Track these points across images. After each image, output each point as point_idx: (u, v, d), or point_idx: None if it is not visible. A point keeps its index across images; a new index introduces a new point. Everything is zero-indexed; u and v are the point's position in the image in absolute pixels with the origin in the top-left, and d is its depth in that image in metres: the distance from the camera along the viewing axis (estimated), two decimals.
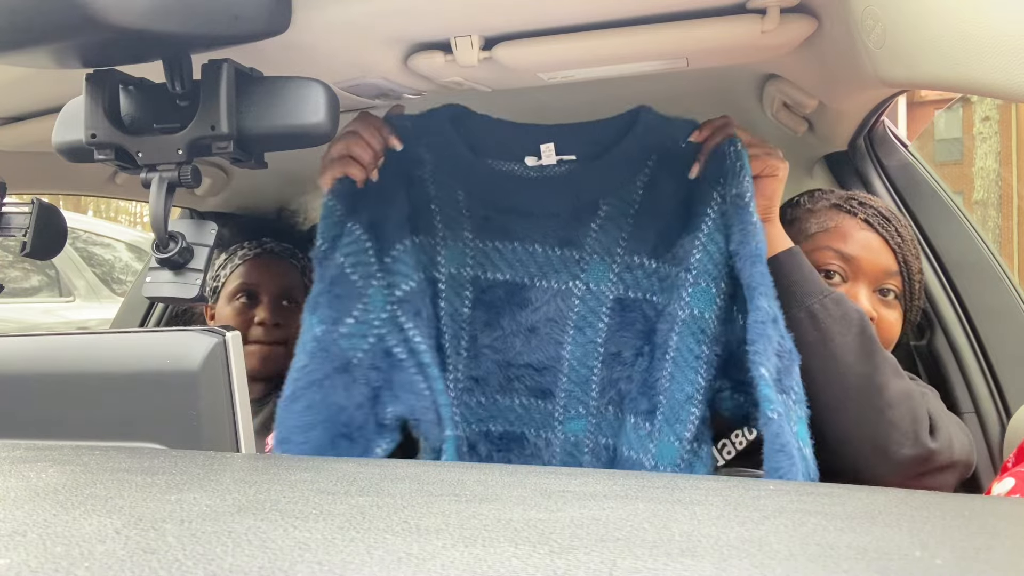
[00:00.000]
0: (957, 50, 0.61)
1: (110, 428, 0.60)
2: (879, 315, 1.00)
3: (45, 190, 1.42)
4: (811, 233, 1.04)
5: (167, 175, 0.73)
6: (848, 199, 1.07)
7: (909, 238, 1.04)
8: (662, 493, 0.35)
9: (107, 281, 4.65)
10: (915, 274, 1.03)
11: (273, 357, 1.41)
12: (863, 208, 1.04)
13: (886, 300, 1.02)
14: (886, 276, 1.01)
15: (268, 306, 1.41)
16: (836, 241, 1.02)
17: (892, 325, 1.02)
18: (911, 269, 1.02)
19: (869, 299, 1.00)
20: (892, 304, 1.02)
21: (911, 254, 1.03)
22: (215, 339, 0.59)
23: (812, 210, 1.08)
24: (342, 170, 0.92)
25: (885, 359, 0.87)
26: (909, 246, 1.03)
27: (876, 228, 1.01)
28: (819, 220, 1.05)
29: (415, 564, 0.23)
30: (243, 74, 0.73)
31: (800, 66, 1.03)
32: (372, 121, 0.94)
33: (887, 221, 1.03)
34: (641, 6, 0.84)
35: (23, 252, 0.86)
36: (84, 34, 0.61)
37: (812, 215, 1.06)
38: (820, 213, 1.06)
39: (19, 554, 0.24)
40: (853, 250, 1.01)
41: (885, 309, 1.01)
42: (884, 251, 1.01)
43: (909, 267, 1.02)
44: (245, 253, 1.45)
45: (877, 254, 1.01)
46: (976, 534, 0.28)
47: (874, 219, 1.02)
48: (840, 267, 1.01)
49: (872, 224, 1.02)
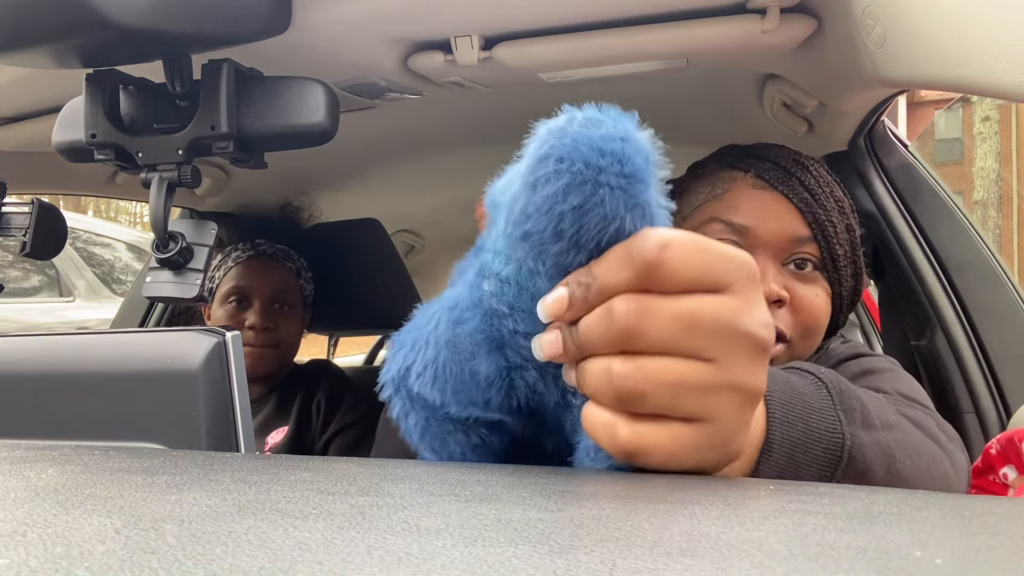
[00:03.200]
0: (957, 50, 0.61)
1: (110, 428, 0.60)
2: (794, 294, 0.79)
3: (45, 190, 1.42)
4: (697, 205, 0.84)
5: (167, 175, 0.73)
6: (742, 155, 0.85)
7: (824, 190, 0.81)
8: (662, 493, 0.35)
9: (107, 281, 4.65)
10: (836, 236, 0.81)
11: (265, 360, 1.41)
12: (758, 163, 0.83)
13: (802, 274, 0.81)
14: (794, 244, 0.80)
15: (259, 310, 1.41)
16: (725, 210, 0.81)
17: (813, 304, 0.80)
18: (828, 231, 0.80)
19: (777, 277, 0.79)
20: (811, 277, 0.81)
21: (828, 210, 0.80)
22: (215, 339, 0.59)
23: (701, 175, 0.88)
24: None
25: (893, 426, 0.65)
26: (824, 200, 0.81)
27: (773, 185, 0.80)
28: (708, 186, 0.84)
29: (415, 564, 0.23)
30: (243, 74, 0.73)
31: (800, 66, 1.03)
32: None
33: (788, 174, 0.81)
34: (641, 6, 0.84)
35: (23, 252, 0.86)
36: (84, 34, 0.61)
37: (700, 181, 0.86)
38: (709, 177, 0.86)
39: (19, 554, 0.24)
40: (745, 219, 0.79)
41: (802, 286, 0.80)
42: (787, 213, 0.80)
43: (824, 229, 0.80)
44: (238, 255, 1.45)
45: (777, 219, 0.79)
46: (976, 534, 0.28)
47: (770, 174, 0.81)
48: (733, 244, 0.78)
49: (768, 180, 0.81)
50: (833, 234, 0.80)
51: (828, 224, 0.80)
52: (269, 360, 1.42)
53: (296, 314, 1.47)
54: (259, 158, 0.76)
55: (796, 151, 0.85)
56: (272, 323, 1.42)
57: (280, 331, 1.43)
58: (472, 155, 1.77)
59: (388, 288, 1.60)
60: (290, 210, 1.62)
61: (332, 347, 1.91)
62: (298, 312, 1.48)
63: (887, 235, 1.25)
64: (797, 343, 0.79)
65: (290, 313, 1.45)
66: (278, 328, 1.42)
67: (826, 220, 0.80)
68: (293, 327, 1.47)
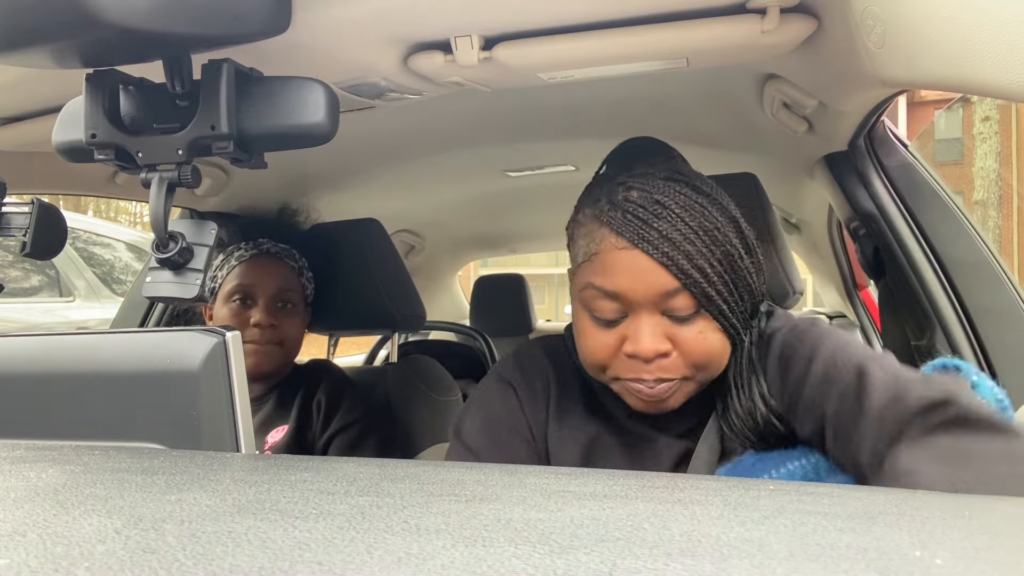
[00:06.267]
0: (957, 50, 0.61)
1: (110, 428, 0.60)
2: (677, 340, 0.78)
3: (45, 190, 1.42)
4: (579, 263, 0.83)
5: (167, 175, 0.73)
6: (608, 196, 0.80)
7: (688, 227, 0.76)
8: (662, 493, 0.35)
9: (107, 281, 4.65)
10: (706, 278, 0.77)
11: (270, 357, 1.42)
12: (617, 214, 0.78)
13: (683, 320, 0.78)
14: (665, 298, 0.77)
15: (264, 308, 1.41)
16: (597, 275, 0.79)
17: (699, 344, 0.79)
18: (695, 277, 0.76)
19: (655, 331, 0.78)
20: (693, 321, 0.78)
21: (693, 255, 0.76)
22: (215, 339, 0.59)
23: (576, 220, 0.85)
24: None
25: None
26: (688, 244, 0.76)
27: (634, 243, 0.76)
28: (584, 240, 0.82)
29: (415, 564, 0.23)
30: (243, 74, 0.73)
31: (800, 66, 1.03)
32: None
33: (644, 225, 0.76)
34: (641, 6, 0.84)
35: (23, 252, 0.86)
36: (84, 34, 0.61)
37: (580, 229, 0.83)
38: (583, 226, 0.83)
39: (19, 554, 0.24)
40: (614, 284, 0.78)
41: (684, 328, 0.78)
42: (651, 270, 0.76)
43: (690, 277, 0.76)
44: (241, 254, 1.45)
45: (643, 279, 0.76)
46: (976, 534, 0.28)
47: (629, 228, 0.77)
48: (614, 310, 0.79)
49: (627, 238, 0.77)
50: (702, 277, 0.76)
51: (694, 271, 0.76)
52: (273, 358, 1.42)
53: (299, 312, 1.48)
54: (259, 158, 0.76)
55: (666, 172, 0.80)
56: (276, 321, 1.42)
57: (284, 329, 1.43)
58: (472, 155, 1.77)
59: (388, 288, 1.60)
60: (287, 213, 1.63)
61: (332, 347, 1.91)
62: (300, 310, 1.48)
63: (887, 235, 1.25)
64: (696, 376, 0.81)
65: (293, 311, 1.46)
66: (282, 326, 1.43)
67: (691, 268, 0.76)
68: (296, 325, 1.47)
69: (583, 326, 0.83)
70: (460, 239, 2.97)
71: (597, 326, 0.81)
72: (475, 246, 3.15)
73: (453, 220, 2.61)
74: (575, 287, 0.85)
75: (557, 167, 1.91)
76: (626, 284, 0.77)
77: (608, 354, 0.81)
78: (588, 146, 1.73)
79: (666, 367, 0.79)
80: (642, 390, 0.80)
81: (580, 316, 0.84)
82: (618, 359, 0.81)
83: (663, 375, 0.79)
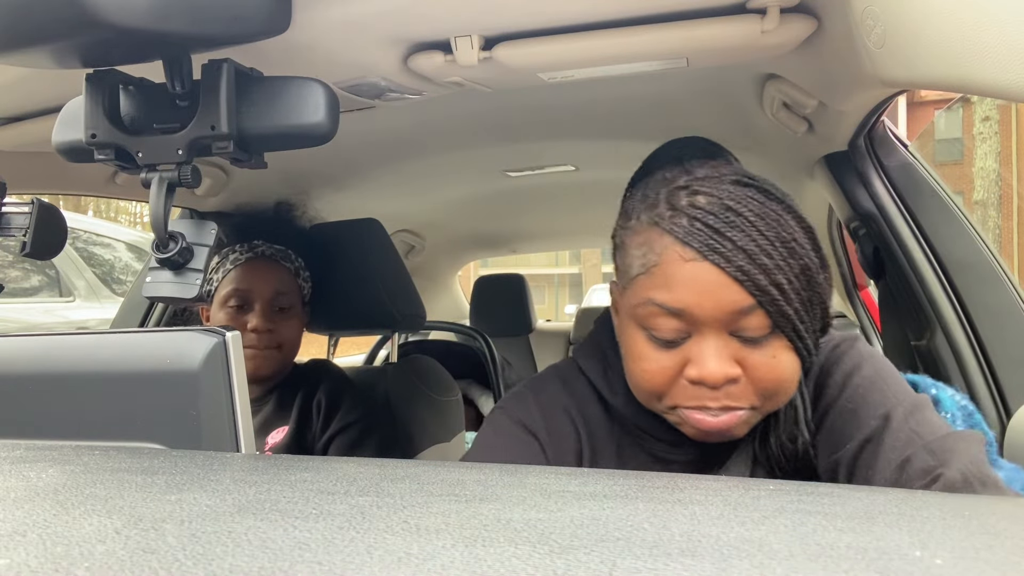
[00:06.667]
0: (957, 50, 0.61)
1: (110, 428, 0.60)
2: (747, 364, 0.70)
3: (45, 190, 1.42)
4: (632, 276, 0.74)
5: (167, 175, 0.73)
6: (668, 200, 0.72)
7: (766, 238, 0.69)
8: (662, 493, 0.35)
9: (107, 281, 4.66)
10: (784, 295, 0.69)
11: (268, 361, 1.41)
12: (677, 219, 0.70)
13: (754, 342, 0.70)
14: (737, 317, 0.69)
15: (260, 313, 1.40)
16: (657, 290, 0.70)
17: (772, 369, 0.70)
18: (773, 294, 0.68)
19: (724, 352, 0.70)
20: (766, 343, 0.70)
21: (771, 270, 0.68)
22: (215, 339, 0.59)
23: (627, 226, 0.77)
24: None
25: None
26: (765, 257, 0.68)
27: (703, 254, 0.68)
28: (639, 250, 0.73)
29: (415, 564, 0.23)
30: (243, 74, 0.73)
31: (800, 66, 1.03)
32: None
33: (717, 235, 0.68)
34: (641, 6, 0.84)
35: (23, 252, 0.86)
36: (84, 34, 0.61)
37: (633, 238, 0.75)
38: (638, 234, 0.74)
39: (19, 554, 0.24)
40: (679, 300, 0.69)
41: (755, 352, 0.70)
42: (723, 286, 0.68)
43: (768, 294, 0.68)
44: (237, 257, 1.44)
45: (713, 295, 0.68)
46: (976, 534, 0.28)
47: (697, 238, 0.69)
48: (675, 330, 0.71)
49: (696, 248, 0.69)
50: (780, 294, 0.68)
51: (772, 287, 0.68)
52: (272, 361, 1.42)
53: (296, 314, 1.47)
54: (259, 158, 0.76)
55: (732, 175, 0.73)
56: (273, 325, 1.41)
57: (281, 332, 1.43)
58: (472, 155, 1.77)
59: (388, 288, 1.60)
60: (284, 207, 1.61)
61: (332, 347, 1.91)
62: (298, 312, 1.48)
63: (887, 235, 1.25)
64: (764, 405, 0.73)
65: (290, 314, 1.46)
66: (279, 330, 1.42)
67: (768, 284, 0.68)
68: (294, 327, 1.47)
69: (637, 347, 0.74)
70: (460, 239, 2.97)
71: (655, 347, 0.72)
72: (475, 246, 3.15)
73: (453, 220, 2.61)
74: (628, 302, 0.75)
75: (557, 167, 1.91)
76: (693, 300, 0.69)
77: (667, 379, 0.72)
78: (588, 146, 1.73)
79: (734, 394, 0.70)
80: (704, 420, 0.71)
81: (634, 335, 0.74)
82: (678, 385, 0.72)
83: (730, 403, 0.70)
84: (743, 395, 0.71)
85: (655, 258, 0.71)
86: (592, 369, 0.86)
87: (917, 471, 0.68)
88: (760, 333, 0.70)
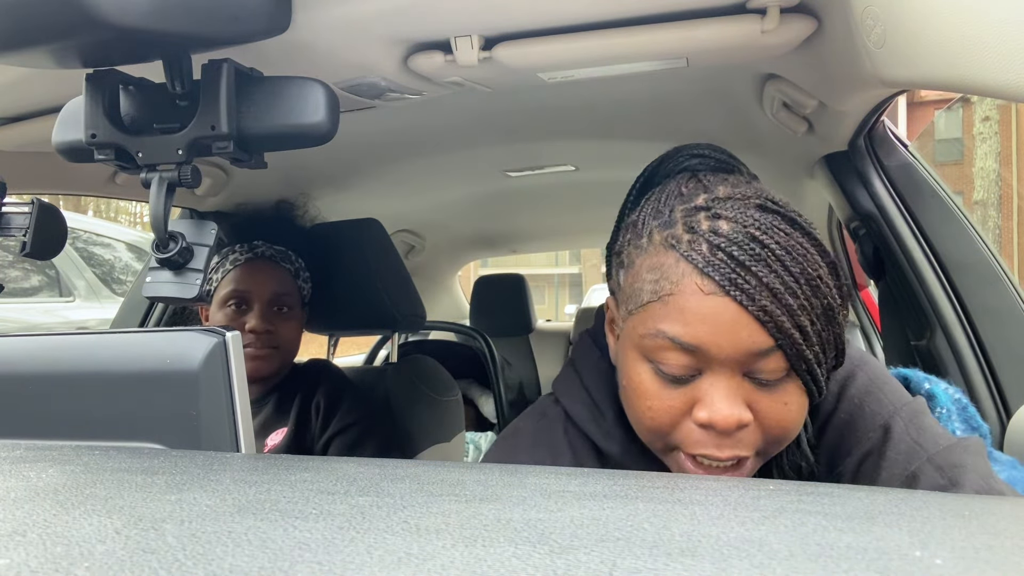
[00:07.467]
0: (957, 50, 0.61)
1: (110, 428, 0.60)
2: (757, 408, 0.66)
3: (45, 190, 1.42)
4: (642, 303, 0.67)
5: (167, 175, 0.73)
6: (686, 222, 0.66)
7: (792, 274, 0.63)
8: (662, 493, 0.35)
9: (107, 281, 4.66)
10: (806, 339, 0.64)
11: (267, 362, 1.41)
12: (696, 245, 0.64)
13: (768, 384, 0.65)
14: (754, 359, 0.64)
15: (259, 313, 1.40)
16: (671, 321, 0.65)
17: (782, 416, 0.66)
18: (795, 338, 0.63)
19: (735, 396, 0.65)
20: (780, 387, 0.66)
21: (795, 312, 0.63)
22: (215, 339, 0.59)
23: (638, 244, 0.70)
24: None
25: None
26: (791, 297, 0.63)
27: (726, 289, 0.63)
28: (651, 274, 0.67)
29: (415, 564, 0.23)
30: (243, 74, 0.73)
31: (800, 66, 1.03)
32: None
33: (744, 270, 0.63)
34: (641, 6, 0.84)
35: (23, 252, 0.86)
36: (84, 34, 0.61)
37: (644, 258, 0.69)
38: (651, 256, 0.68)
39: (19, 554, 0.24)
40: (694, 336, 0.64)
41: (767, 396, 0.66)
42: (743, 325, 0.63)
43: (790, 337, 0.63)
44: (236, 258, 1.44)
45: (732, 334, 0.63)
46: (976, 534, 0.28)
47: (721, 272, 0.63)
48: (685, 367, 0.65)
49: (718, 283, 0.63)
50: (802, 339, 0.63)
51: (794, 330, 0.63)
52: (271, 362, 1.42)
53: (295, 315, 1.47)
54: (259, 158, 0.76)
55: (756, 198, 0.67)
56: (272, 326, 1.41)
57: (281, 333, 1.43)
58: (472, 155, 1.77)
59: (388, 288, 1.60)
60: (284, 207, 1.62)
61: (332, 347, 1.91)
62: (297, 313, 1.48)
63: (887, 235, 1.25)
64: (768, 450, 0.69)
65: (289, 315, 1.45)
66: (279, 330, 1.42)
67: (791, 326, 0.63)
68: (293, 328, 1.47)
69: (642, 382, 0.68)
70: (460, 239, 2.97)
71: (661, 383, 0.67)
72: (475, 246, 3.15)
73: (453, 220, 2.61)
74: (633, 330, 0.69)
75: (557, 167, 1.91)
76: (710, 338, 0.63)
77: (673, 419, 0.67)
78: (588, 146, 1.73)
79: (742, 440, 0.66)
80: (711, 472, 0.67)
81: (637, 368, 0.68)
82: (684, 427, 0.67)
83: (737, 451, 0.66)
84: (750, 442, 0.67)
85: (670, 287, 0.65)
86: (581, 416, 0.79)
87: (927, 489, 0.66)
88: (775, 376, 0.65)
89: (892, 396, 0.75)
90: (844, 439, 0.74)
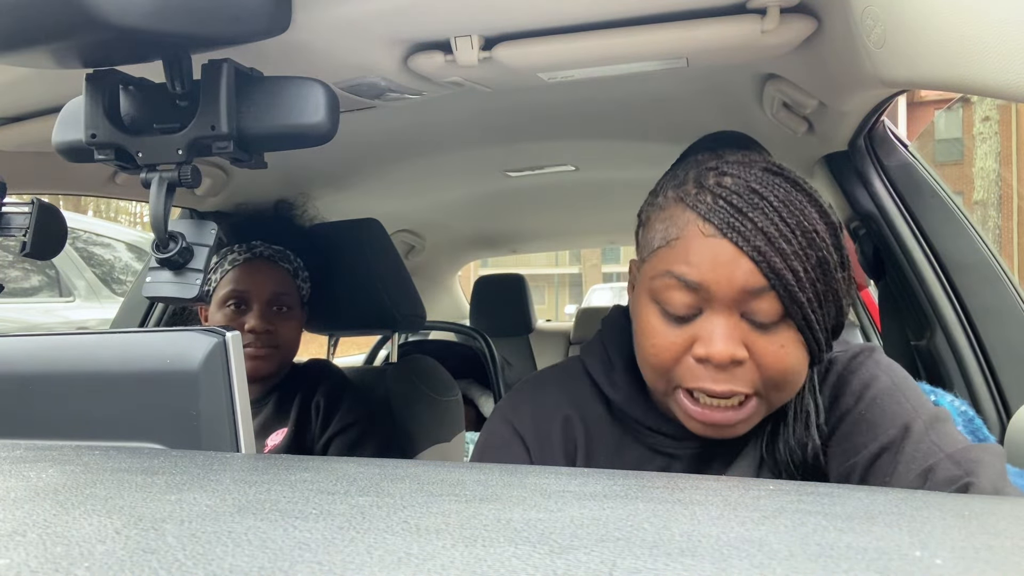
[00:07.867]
0: (957, 50, 0.61)
1: (110, 428, 0.60)
2: (754, 349, 0.70)
3: (45, 190, 1.42)
4: (653, 249, 0.75)
5: (167, 175, 0.73)
6: (696, 179, 0.74)
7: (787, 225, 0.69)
8: (662, 493, 0.35)
9: (107, 281, 4.66)
10: (798, 282, 0.69)
11: (267, 362, 1.41)
12: (708, 199, 0.71)
13: (764, 327, 0.71)
14: (748, 297, 0.69)
15: (258, 313, 1.40)
16: (677, 262, 0.71)
17: (778, 358, 0.70)
18: (787, 279, 0.68)
19: (732, 333, 0.70)
20: (775, 330, 0.71)
21: (788, 255, 0.69)
22: (215, 339, 0.59)
23: (654, 203, 0.78)
24: None
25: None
26: (784, 242, 0.69)
27: (723, 232, 0.69)
28: (663, 224, 0.74)
29: (415, 564, 0.23)
30: (243, 74, 0.73)
31: (800, 66, 1.03)
32: None
33: (740, 215, 0.69)
34: (641, 6, 0.84)
35: (23, 252, 0.86)
36: (84, 34, 0.61)
37: (658, 212, 0.76)
38: (663, 209, 0.75)
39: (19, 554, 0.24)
40: (697, 273, 0.70)
41: (763, 337, 0.70)
42: (739, 264, 0.69)
43: (782, 278, 0.68)
44: (235, 258, 1.44)
45: (728, 271, 0.69)
46: (976, 534, 0.28)
47: (719, 216, 0.70)
48: (688, 305, 0.71)
49: (717, 226, 0.70)
50: (794, 281, 0.69)
51: (787, 272, 0.68)
52: (270, 362, 1.42)
53: (295, 315, 1.47)
54: (259, 158, 0.76)
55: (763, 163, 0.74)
56: (272, 326, 1.41)
57: (280, 333, 1.43)
58: (472, 155, 1.77)
59: (388, 288, 1.60)
60: (284, 207, 1.62)
61: (332, 347, 1.91)
62: (296, 313, 1.48)
63: (887, 235, 1.25)
64: (769, 395, 0.73)
65: (289, 314, 1.45)
66: (278, 330, 1.42)
67: (784, 268, 0.68)
68: (293, 328, 1.47)
69: (649, 322, 0.74)
70: (460, 239, 2.97)
71: (666, 322, 0.73)
72: (475, 246, 3.15)
73: (453, 220, 2.61)
74: (645, 276, 0.76)
75: (557, 167, 1.91)
76: (709, 275, 0.69)
77: (674, 355, 0.72)
78: (588, 146, 1.73)
79: (738, 377, 0.70)
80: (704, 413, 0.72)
81: (646, 310, 0.75)
82: (684, 364, 0.72)
83: (733, 387, 0.70)
84: (746, 379, 0.71)
85: (676, 231, 0.72)
86: (595, 368, 0.87)
87: (942, 480, 0.67)
88: (770, 319, 0.70)
89: (915, 402, 0.76)
90: (861, 432, 0.75)
